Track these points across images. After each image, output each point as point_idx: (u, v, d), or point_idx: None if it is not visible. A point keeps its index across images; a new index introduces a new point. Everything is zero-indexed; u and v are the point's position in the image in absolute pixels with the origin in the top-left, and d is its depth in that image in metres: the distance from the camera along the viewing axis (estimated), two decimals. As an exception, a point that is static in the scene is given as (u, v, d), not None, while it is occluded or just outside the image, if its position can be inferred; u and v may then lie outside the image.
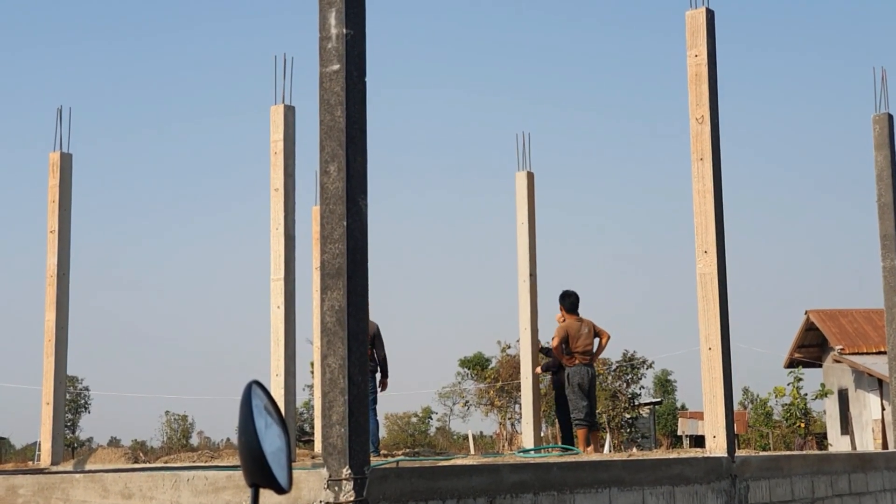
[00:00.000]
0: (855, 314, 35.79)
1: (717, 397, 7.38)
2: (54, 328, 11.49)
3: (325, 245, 4.80)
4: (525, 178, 13.55)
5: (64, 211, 11.70)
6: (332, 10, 4.90)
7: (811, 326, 36.32)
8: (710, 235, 7.56)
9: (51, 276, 11.61)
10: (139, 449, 47.57)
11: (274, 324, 10.68)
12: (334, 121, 4.85)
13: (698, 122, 7.71)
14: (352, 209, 4.78)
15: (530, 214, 13.50)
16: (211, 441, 53.00)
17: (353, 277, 4.75)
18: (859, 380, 33.67)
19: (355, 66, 4.91)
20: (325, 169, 4.85)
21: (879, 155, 10.79)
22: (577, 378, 13.07)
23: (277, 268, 10.68)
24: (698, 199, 7.63)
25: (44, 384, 11.56)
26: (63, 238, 11.66)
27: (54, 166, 11.74)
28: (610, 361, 40.04)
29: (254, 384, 2.28)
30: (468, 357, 49.77)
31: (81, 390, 56.65)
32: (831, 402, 36.27)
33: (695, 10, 7.89)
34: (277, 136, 10.86)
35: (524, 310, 13.48)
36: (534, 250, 13.49)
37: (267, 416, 2.25)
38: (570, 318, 13.28)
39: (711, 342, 7.45)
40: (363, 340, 4.77)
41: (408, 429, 59.83)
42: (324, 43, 4.91)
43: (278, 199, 10.75)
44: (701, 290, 7.54)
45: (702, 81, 7.75)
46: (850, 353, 33.47)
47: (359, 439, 4.65)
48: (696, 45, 7.83)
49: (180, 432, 56.88)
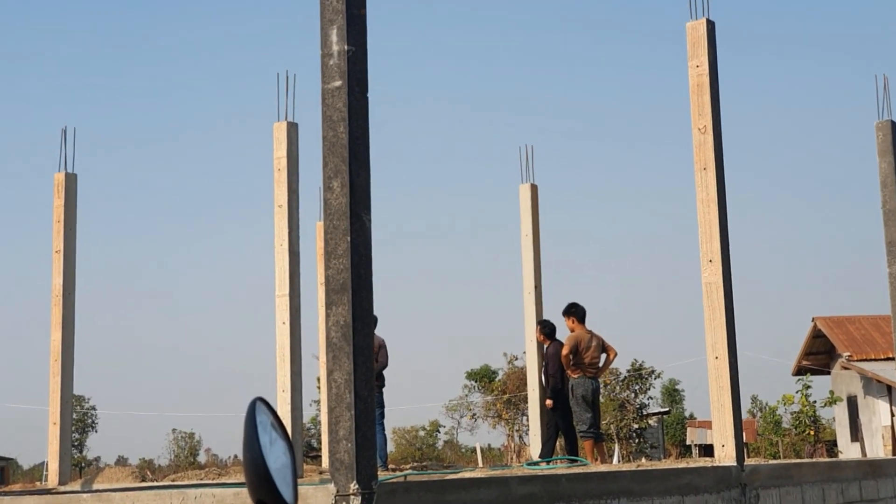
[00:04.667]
0: (862, 320, 35.71)
1: (725, 406, 7.37)
2: (60, 348, 11.51)
3: (329, 260, 4.81)
4: (529, 190, 13.57)
5: (69, 230, 11.72)
6: (333, 27, 4.92)
7: (818, 333, 36.25)
8: (714, 244, 7.55)
9: (56, 296, 11.63)
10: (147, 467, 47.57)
11: (280, 340, 10.68)
12: (337, 137, 4.86)
13: (701, 132, 7.71)
14: (355, 224, 4.79)
15: (534, 226, 13.51)
16: (218, 458, 52.99)
17: (358, 292, 4.75)
18: (868, 386, 33.58)
19: (357, 82, 4.92)
20: (328, 185, 4.85)
21: (883, 161, 10.79)
22: (581, 390, 13.03)
23: (282, 284, 10.68)
24: (702, 208, 7.63)
25: (50, 404, 11.57)
26: (68, 258, 11.69)
27: (59, 186, 11.77)
28: (618, 372, 40.01)
29: (258, 401, 2.28)
30: (475, 369, 49.76)
31: (88, 409, 56.68)
32: (840, 410, 36.18)
33: (695, 21, 7.90)
34: (281, 152, 10.87)
35: (530, 321, 13.48)
36: (538, 262, 13.50)
37: (272, 432, 2.25)
38: (581, 328, 13.23)
39: (718, 351, 7.44)
40: (368, 355, 4.77)
41: (416, 442, 59.80)
42: (326, 59, 4.92)
43: (282, 216, 10.76)
44: (707, 299, 7.53)
45: (703, 92, 7.76)
46: (859, 360, 33.38)
47: (366, 454, 4.64)
48: (697, 56, 7.84)
49: (188, 450, 56.89)
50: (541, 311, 13.49)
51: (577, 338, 13.12)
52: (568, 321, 13.37)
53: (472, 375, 49.75)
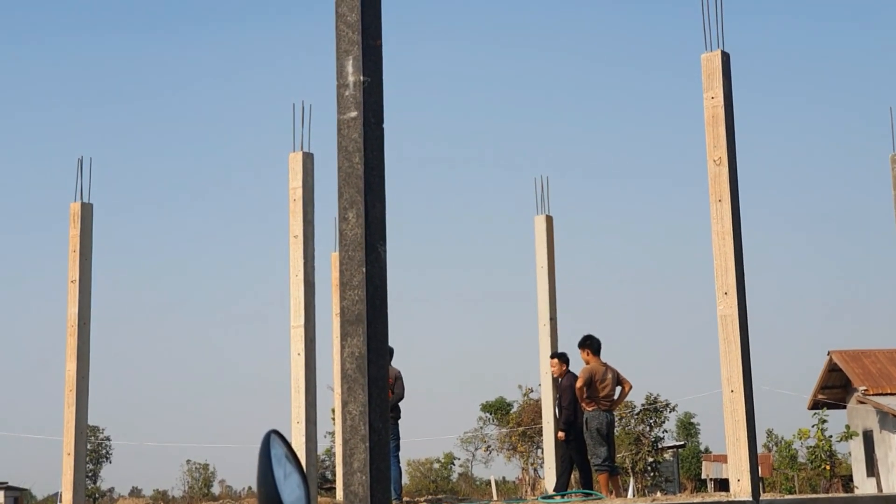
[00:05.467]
0: (878, 354, 35.54)
1: (741, 440, 7.33)
2: (75, 378, 11.52)
3: (344, 291, 4.81)
4: (544, 221, 13.57)
5: (85, 260, 11.76)
6: (349, 58, 4.93)
7: (834, 367, 36.07)
8: (730, 277, 7.54)
9: (72, 326, 11.65)
10: (161, 499, 47.52)
11: (294, 371, 10.67)
12: (352, 167, 4.86)
13: (716, 164, 7.71)
14: (371, 255, 4.79)
15: (549, 258, 13.50)
16: (232, 490, 52.85)
17: (373, 324, 4.75)
18: (884, 421, 33.38)
19: (373, 112, 4.93)
20: (343, 215, 4.85)
21: (899, 194, 10.77)
22: (596, 423, 12.94)
23: (297, 314, 10.68)
24: (717, 240, 7.62)
25: (65, 435, 11.57)
26: (84, 287, 11.71)
27: (75, 216, 11.82)
28: (633, 405, 39.85)
29: (272, 433, 2.27)
30: (490, 402, 49.63)
31: (103, 440, 56.67)
32: (856, 444, 35.95)
33: (710, 53, 7.92)
34: (296, 182, 10.89)
35: (545, 353, 13.45)
36: (553, 294, 13.48)
37: (286, 465, 2.24)
38: (596, 360, 13.12)
39: (734, 384, 7.41)
40: (383, 387, 4.76)
41: (430, 475, 59.58)
42: (341, 90, 4.93)
43: (297, 246, 10.77)
44: (722, 332, 7.51)
45: (718, 123, 7.77)
46: (874, 394, 33.21)
47: (380, 486, 4.62)
48: (711, 88, 7.85)
49: (202, 481, 56.77)
50: (556, 342, 13.46)
51: (591, 370, 13.04)
52: (583, 353, 13.30)
53: (488, 408, 49.62)
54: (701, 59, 7.96)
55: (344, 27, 4.93)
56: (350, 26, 4.91)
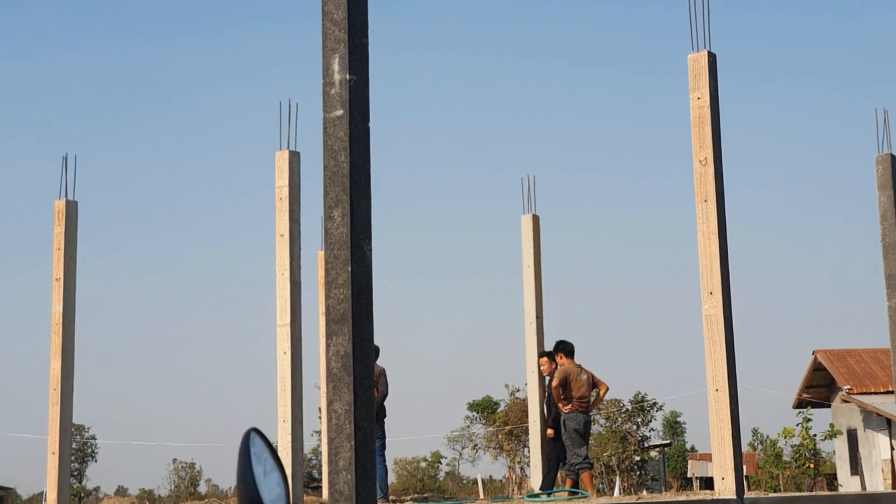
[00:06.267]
0: (862, 354, 35.67)
1: (726, 439, 7.34)
2: (60, 376, 11.47)
3: (329, 290, 4.80)
4: (531, 220, 13.57)
5: (69, 258, 11.71)
6: (335, 57, 4.93)
7: (819, 366, 36.19)
8: (715, 276, 7.55)
9: (56, 324, 11.61)
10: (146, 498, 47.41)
11: (280, 369, 10.65)
12: (338, 166, 4.86)
13: (702, 164, 7.73)
14: (356, 254, 4.78)
15: (536, 257, 13.51)
16: (219, 489, 52.77)
17: (359, 323, 4.74)
18: (868, 420, 33.50)
19: (359, 111, 4.92)
20: (329, 214, 4.85)
21: (883, 195, 10.79)
22: (574, 423, 13.02)
23: (283, 313, 10.66)
24: (703, 240, 7.64)
25: (49, 433, 11.53)
26: (69, 285, 11.67)
27: (60, 214, 11.77)
28: (621, 404, 39.92)
29: (252, 431, 2.27)
30: (477, 401, 49.65)
31: (88, 439, 56.49)
32: (840, 443, 36.08)
33: (697, 54, 7.93)
34: (282, 181, 10.87)
35: (531, 352, 13.46)
36: (540, 293, 13.49)
37: (266, 462, 2.24)
38: (569, 362, 13.22)
39: (718, 383, 7.42)
40: (369, 386, 4.76)
41: (417, 474, 59.57)
42: (327, 89, 4.93)
43: (284, 245, 10.75)
44: (707, 332, 7.52)
45: (704, 123, 7.78)
46: (859, 393, 33.32)
47: (366, 485, 4.62)
48: (698, 88, 7.87)
49: (188, 480, 56.64)
50: (542, 341, 13.48)
51: (566, 371, 13.13)
52: (557, 358, 13.38)
53: (474, 406, 49.64)
54: (687, 59, 7.98)
55: (330, 25, 4.92)
56: (336, 24, 4.90)
